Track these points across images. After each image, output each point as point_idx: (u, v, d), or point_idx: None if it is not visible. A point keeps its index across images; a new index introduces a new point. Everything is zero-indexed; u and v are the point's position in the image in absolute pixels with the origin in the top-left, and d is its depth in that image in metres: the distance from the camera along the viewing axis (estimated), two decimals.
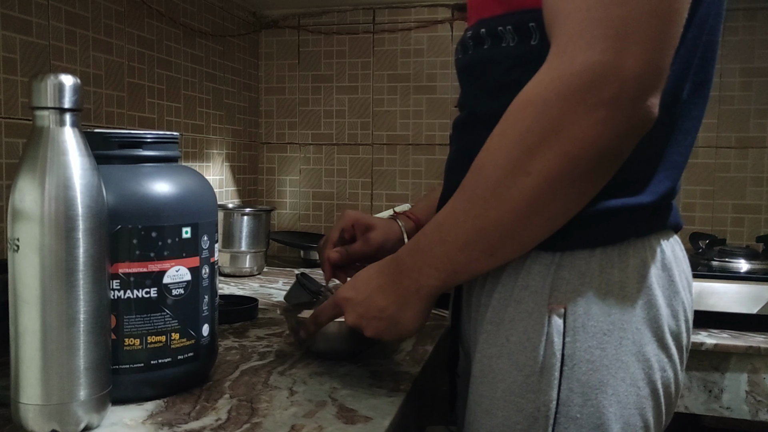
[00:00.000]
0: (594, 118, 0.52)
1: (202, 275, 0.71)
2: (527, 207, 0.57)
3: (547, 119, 0.54)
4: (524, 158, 0.55)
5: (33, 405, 0.57)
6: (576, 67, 0.52)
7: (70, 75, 0.58)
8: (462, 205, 0.61)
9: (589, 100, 0.52)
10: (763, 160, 1.66)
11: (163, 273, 0.68)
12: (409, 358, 0.86)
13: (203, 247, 0.71)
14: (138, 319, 0.67)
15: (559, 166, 0.55)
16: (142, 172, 0.69)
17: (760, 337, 1.14)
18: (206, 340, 0.73)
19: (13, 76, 1.06)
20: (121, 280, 0.66)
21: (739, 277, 1.20)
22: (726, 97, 1.67)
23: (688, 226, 1.68)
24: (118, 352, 0.66)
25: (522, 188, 0.56)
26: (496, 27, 0.66)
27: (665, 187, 0.65)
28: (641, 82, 0.53)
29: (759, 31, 1.64)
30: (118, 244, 0.65)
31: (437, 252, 0.64)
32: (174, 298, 0.68)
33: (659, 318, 0.63)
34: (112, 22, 1.29)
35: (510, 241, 0.61)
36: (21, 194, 0.56)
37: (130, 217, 0.66)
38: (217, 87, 1.69)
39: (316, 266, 1.68)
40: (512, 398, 0.64)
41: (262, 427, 0.63)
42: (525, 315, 0.64)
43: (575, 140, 0.53)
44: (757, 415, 1.12)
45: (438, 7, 1.78)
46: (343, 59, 1.86)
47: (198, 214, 0.71)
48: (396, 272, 0.69)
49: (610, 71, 0.52)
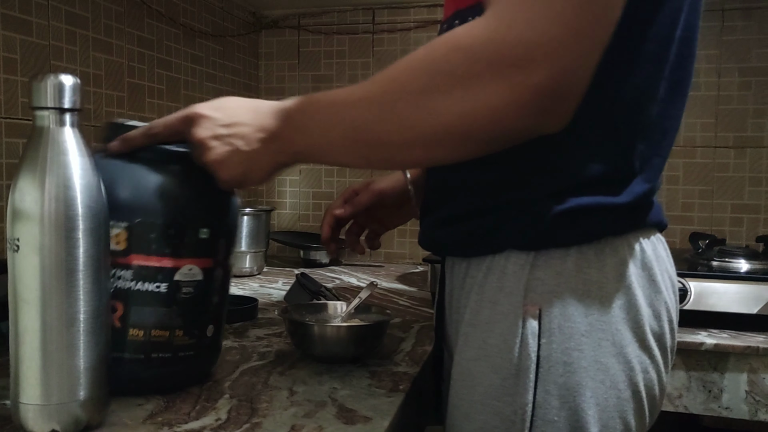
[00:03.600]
0: (509, 96, 0.51)
1: (215, 277, 0.71)
2: (412, 138, 0.56)
3: (469, 74, 0.52)
4: (433, 96, 0.54)
5: (33, 405, 0.57)
6: (512, 38, 0.51)
7: (70, 75, 0.58)
8: (361, 97, 0.59)
9: (514, 77, 0.51)
10: (761, 159, 1.66)
11: (176, 270, 0.68)
12: (409, 358, 0.86)
13: (219, 249, 0.71)
14: (145, 311, 0.67)
15: (456, 118, 0.54)
16: (169, 168, 0.69)
17: (759, 337, 1.14)
18: (209, 340, 0.73)
19: (13, 76, 1.06)
20: (134, 270, 0.66)
21: (738, 277, 1.20)
22: (724, 96, 1.67)
23: (687, 226, 1.68)
24: (122, 341, 0.67)
25: (417, 119, 0.55)
26: (467, 17, 0.64)
27: (643, 189, 0.64)
28: (569, 79, 0.52)
29: (756, 30, 1.64)
30: (137, 235, 0.66)
31: (320, 126, 0.61)
32: (183, 295, 0.68)
33: (640, 318, 0.62)
34: (112, 22, 1.29)
35: (385, 157, 0.60)
36: (21, 194, 0.56)
37: (152, 212, 0.66)
38: (217, 87, 1.69)
39: (317, 266, 1.68)
40: (490, 402, 0.63)
41: (262, 427, 0.63)
42: (501, 317, 0.63)
43: (483, 106, 0.53)
44: (757, 415, 1.12)
45: (438, 7, 1.78)
46: (343, 59, 1.86)
47: (218, 217, 0.71)
48: (277, 120, 0.64)
49: (543, 58, 0.50)
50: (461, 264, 0.70)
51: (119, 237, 0.66)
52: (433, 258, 1.24)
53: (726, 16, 1.65)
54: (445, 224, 0.71)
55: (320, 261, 1.70)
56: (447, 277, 0.75)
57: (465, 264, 0.70)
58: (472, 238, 0.67)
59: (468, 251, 0.69)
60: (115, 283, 0.66)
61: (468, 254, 0.69)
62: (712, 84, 1.66)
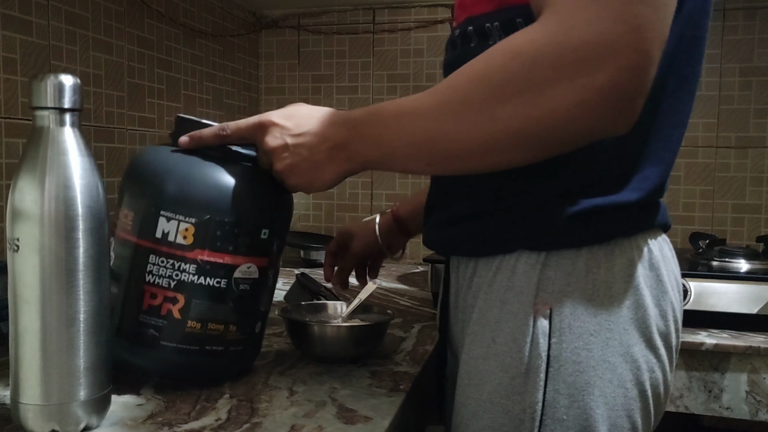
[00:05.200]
0: (575, 99, 0.51)
1: (268, 276, 0.74)
2: (479, 146, 0.57)
3: (532, 80, 0.52)
4: (497, 104, 0.54)
5: (33, 405, 0.57)
6: (573, 41, 0.51)
7: (70, 75, 0.58)
8: (426, 107, 0.60)
9: (578, 80, 0.51)
10: (762, 159, 1.66)
11: (236, 267, 0.70)
12: (409, 358, 0.86)
13: (274, 250, 0.74)
14: (204, 305, 0.69)
15: (524, 126, 0.54)
16: (238, 169, 0.70)
17: (760, 337, 1.14)
18: (256, 336, 0.76)
19: (13, 76, 1.06)
20: (198, 265, 0.68)
21: (739, 277, 1.19)
22: (725, 96, 1.67)
23: (687, 226, 1.68)
24: (179, 332, 0.69)
25: (483, 128, 0.55)
26: (483, 24, 0.65)
27: (652, 184, 0.64)
28: (635, 77, 0.51)
29: (758, 30, 1.64)
30: (204, 232, 0.68)
31: (386, 136, 0.62)
32: (240, 292, 0.71)
33: (647, 318, 0.63)
34: (112, 22, 1.29)
35: (451, 163, 0.61)
36: (21, 194, 0.56)
37: (221, 210, 0.68)
38: (217, 87, 1.69)
39: (317, 266, 1.68)
40: (498, 400, 0.63)
41: (262, 427, 0.63)
42: (511, 316, 0.63)
43: (550, 111, 0.52)
44: (757, 415, 1.12)
45: (438, 7, 1.78)
46: (343, 59, 1.86)
47: (277, 219, 0.73)
48: (345, 131, 0.65)
49: (605, 58, 0.50)
50: (468, 264, 0.70)
51: (187, 232, 0.68)
52: (434, 258, 1.24)
53: (728, 16, 1.64)
54: (452, 224, 0.71)
55: (320, 261, 1.70)
56: (452, 277, 0.75)
57: (472, 264, 0.70)
58: (482, 237, 0.67)
59: (477, 251, 0.69)
60: (179, 276, 0.68)
61: (477, 254, 0.69)
62: (714, 84, 1.66)
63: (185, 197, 0.67)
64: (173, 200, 0.68)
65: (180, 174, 0.68)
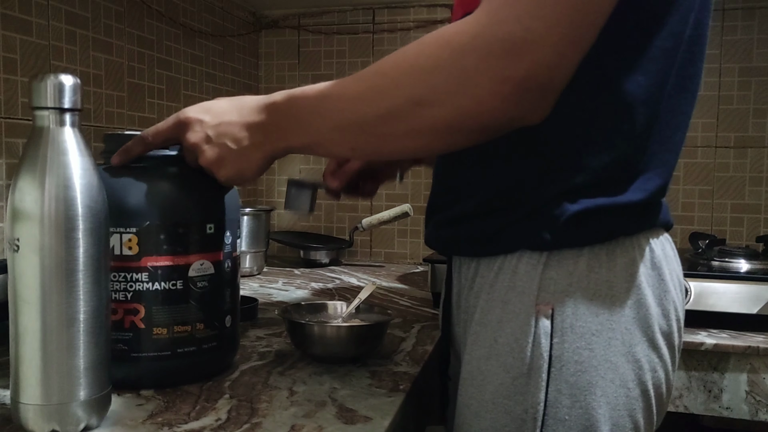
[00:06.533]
0: (497, 89, 0.53)
1: (225, 269, 0.75)
2: (404, 132, 0.58)
3: (458, 68, 0.54)
4: (423, 91, 0.55)
5: (33, 405, 0.57)
6: (501, 34, 0.52)
7: (70, 75, 0.58)
8: (352, 91, 0.61)
9: (501, 72, 0.52)
10: (762, 159, 1.66)
11: (189, 266, 0.71)
12: (409, 358, 0.86)
13: (226, 242, 0.75)
14: (165, 310, 0.70)
15: (448, 114, 0.55)
16: (168, 172, 0.72)
17: (759, 337, 1.14)
18: (229, 331, 0.76)
19: (13, 76, 1.06)
20: (149, 272, 0.69)
21: (738, 277, 1.19)
22: (725, 96, 1.67)
23: (687, 226, 1.68)
24: (147, 341, 0.70)
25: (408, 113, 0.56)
26: None
27: (655, 185, 0.64)
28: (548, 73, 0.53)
29: (757, 30, 1.64)
30: (147, 239, 0.69)
31: (310, 120, 0.63)
32: (199, 290, 0.71)
33: (649, 318, 0.63)
34: (112, 22, 1.29)
35: (375, 148, 0.62)
36: (21, 194, 0.56)
37: (157, 215, 0.69)
38: (217, 87, 1.69)
39: (317, 266, 1.68)
40: (500, 400, 0.63)
41: (262, 427, 0.63)
42: (512, 316, 0.63)
43: (474, 99, 0.54)
44: (757, 415, 1.12)
45: (437, 7, 1.78)
46: (343, 59, 1.86)
47: (221, 211, 0.74)
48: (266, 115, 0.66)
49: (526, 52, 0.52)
50: (470, 264, 0.71)
51: (131, 242, 0.69)
52: (434, 258, 1.24)
53: (727, 16, 1.64)
54: (454, 224, 0.71)
55: (320, 261, 1.70)
56: (454, 277, 0.75)
57: (474, 264, 0.70)
58: (484, 237, 0.67)
59: (479, 251, 0.69)
60: (133, 286, 0.69)
61: (479, 254, 0.69)
62: (713, 84, 1.66)
63: (120, 209, 0.68)
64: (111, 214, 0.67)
65: (111, 189, 0.65)
